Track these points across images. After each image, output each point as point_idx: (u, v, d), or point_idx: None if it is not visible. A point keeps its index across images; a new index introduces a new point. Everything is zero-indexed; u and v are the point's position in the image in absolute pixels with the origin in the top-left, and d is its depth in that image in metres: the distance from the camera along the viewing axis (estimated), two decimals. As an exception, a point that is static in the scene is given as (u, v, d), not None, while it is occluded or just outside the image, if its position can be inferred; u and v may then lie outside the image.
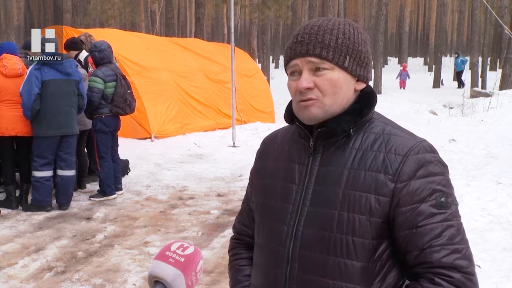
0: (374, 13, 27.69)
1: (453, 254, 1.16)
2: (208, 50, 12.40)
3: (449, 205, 1.19)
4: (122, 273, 4.03)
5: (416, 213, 1.18)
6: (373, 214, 1.19)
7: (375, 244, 1.20)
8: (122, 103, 6.06)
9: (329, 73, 1.23)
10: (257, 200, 1.39)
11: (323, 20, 1.28)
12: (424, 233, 1.17)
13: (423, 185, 1.19)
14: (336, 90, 1.23)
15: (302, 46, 1.24)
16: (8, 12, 21.00)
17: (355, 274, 1.20)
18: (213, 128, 11.01)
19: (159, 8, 21.52)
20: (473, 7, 25.39)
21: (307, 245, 1.24)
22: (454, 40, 66.14)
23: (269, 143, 1.44)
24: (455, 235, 1.18)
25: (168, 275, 1.04)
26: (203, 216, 5.52)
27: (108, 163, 6.07)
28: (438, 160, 1.23)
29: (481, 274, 3.87)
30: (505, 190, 6.15)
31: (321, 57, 1.22)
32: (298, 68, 1.25)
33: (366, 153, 1.23)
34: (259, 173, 1.41)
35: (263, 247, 1.34)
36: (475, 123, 11.27)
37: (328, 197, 1.23)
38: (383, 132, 1.26)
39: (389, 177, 1.19)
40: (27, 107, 5.34)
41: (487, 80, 23.98)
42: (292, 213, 1.27)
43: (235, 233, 1.54)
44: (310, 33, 1.24)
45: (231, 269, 1.50)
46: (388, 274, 1.22)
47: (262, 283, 1.33)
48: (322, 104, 1.23)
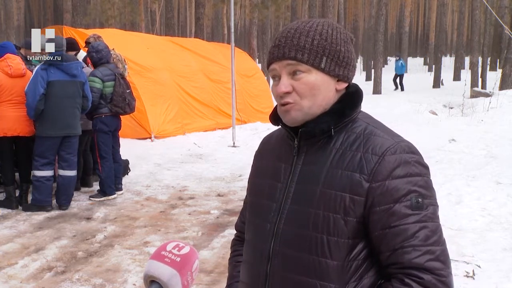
0: (374, 13, 27.71)
1: (425, 255, 1.15)
2: (208, 50, 12.40)
3: (425, 206, 1.18)
4: (122, 273, 4.03)
5: (389, 213, 1.17)
6: (347, 213, 1.20)
7: (351, 244, 1.21)
8: (121, 102, 6.06)
9: (306, 76, 1.24)
10: (248, 199, 1.44)
11: (302, 22, 1.29)
12: (396, 233, 1.17)
13: (399, 185, 1.18)
14: (314, 92, 1.25)
15: (279, 50, 1.26)
16: (8, 12, 21.02)
17: (330, 272, 1.21)
18: (213, 128, 11.01)
19: (159, 8, 21.54)
20: (473, 7, 25.39)
21: (287, 243, 1.25)
22: (454, 40, 66.09)
23: (265, 143, 1.47)
24: (430, 236, 1.16)
25: (164, 275, 1.04)
26: (203, 216, 5.52)
27: (109, 163, 6.08)
28: (417, 161, 1.22)
29: (481, 274, 3.87)
30: (505, 190, 6.14)
31: (296, 59, 1.24)
32: (277, 72, 1.27)
33: (345, 153, 1.24)
34: (252, 172, 1.45)
35: (250, 244, 1.37)
36: (475, 123, 11.26)
37: (308, 195, 1.25)
38: (364, 132, 1.26)
39: (364, 176, 1.20)
40: (31, 106, 5.34)
41: (487, 80, 23.96)
42: (274, 211, 1.30)
43: (236, 230, 1.58)
44: (287, 36, 1.26)
45: (229, 264, 1.55)
46: (365, 275, 1.22)
47: (248, 279, 1.35)
48: (301, 107, 1.25)
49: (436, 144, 8.96)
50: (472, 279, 3.81)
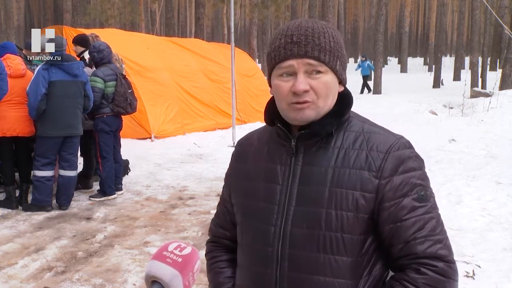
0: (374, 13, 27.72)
1: (436, 244, 1.21)
2: (208, 50, 12.41)
3: (429, 197, 1.25)
4: (122, 273, 4.03)
5: (399, 207, 1.23)
6: (360, 210, 1.23)
7: (362, 239, 1.25)
8: (123, 102, 6.07)
9: (324, 76, 1.25)
10: (238, 202, 1.40)
11: (311, 22, 1.29)
12: (408, 226, 1.22)
13: (405, 180, 1.24)
14: (328, 92, 1.26)
15: (299, 47, 1.24)
16: (8, 12, 21.01)
17: (345, 269, 1.23)
18: (213, 128, 11.01)
19: (159, 8, 21.54)
20: (473, 7, 25.37)
21: (296, 244, 1.26)
22: (454, 40, 66.12)
23: (246, 145, 1.44)
24: (436, 226, 1.23)
25: (166, 275, 1.04)
26: (203, 216, 5.53)
27: (109, 163, 6.08)
28: (416, 155, 1.29)
29: (481, 274, 3.87)
30: (505, 190, 6.14)
31: (319, 60, 1.24)
32: (294, 70, 1.25)
33: (349, 152, 1.27)
34: (237, 175, 1.42)
35: (248, 248, 1.35)
36: (475, 123, 11.26)
37: (314, 196, 1.25)
38: (363, 130, 1.30)
39: (373, 174, 1.24)
40: (33, 106, 5.35)
41: (487, 80, 23.95)
42: (278, 213, 1.29)
43: (211, 236, 1.55)
44: (306, 34, 1.25)
45: (210, 272, 1.50)
46: (374, 267, 1.27)
47: (250, 283, 1.34)
48: (316, 106, 1.26)
49: (436, 144, 8.97)
50: (472, 279, 3.81)
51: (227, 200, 1.45)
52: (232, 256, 1.46)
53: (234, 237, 1.43)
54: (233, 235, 1.45)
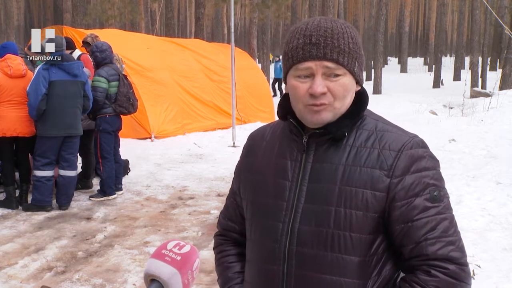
0: (374, 13, 27.73)
1: (448, 246, 1.19)
2: (208, 50, 12.40)
3: (442, 198, 1.23)
4: (122, 273, 4.03)
5: (411, 207, 1.20)
6: (369, 209, 1.21)
7: (371, 239, 1.23)
8: (125, 102, 6.08)
9: (342, 78, 1.23)
10: (247, 197, 1.39)
11: (330, 21, 1.25)
12: (419, 226, 1.20)
13: (417, 179, 1.21)
14: (345, 94, 1.24)
15: (318, 49, 1.21)
16: (8, 12, 20.99)
17: (353, 269, 1.22)
18: (213, 128, 11.01)
19: (159, 8, 21.54)
20: (473, 7, 25.37)
21: (304, 242, 1.24)
22: (454, 40, 66.12)
23: (257, 139, 1.42)
24: (449, 227, 1.21)
25: (165, 274, 1.04)
26: (203, 216, 5.53)
27: (110, 163, 6.08)
28: (430, 155, 1.26)
29: (481, 274, 3.87)
30: (505, 190, 6.14)
31: (338, 63, 1.22)
32: (312, 72, 1.22)
33: (360, 150, 1.25)
34: (247, 169, 1.40)
35: (256, 243, 1.34)
36: (475, 123, 11.25)
37: (324, 193, 1.24)
38: (376, 128, 1.28)
39: (384, 172, 1.22)
40: (33, 107, 5.34)
41: (487, 80, 23.96)
42: (286, 210, 1.28)
43: (220, 229, 1.52)
44: (325, 36, 1.22)
45: (219, 266, 1.49)
46: (384, 268, 1.25)
47: (257, 279, 1.33)
48: (333, 108, 1.24)
49: (436, 144, 8.96)
50: (472, 279, 3.80)
51: (237, 193, 1.44)
52: (241, 250, 1.44)
53: (243, 231, 1.42)
54: (241, 229, 1.43)
